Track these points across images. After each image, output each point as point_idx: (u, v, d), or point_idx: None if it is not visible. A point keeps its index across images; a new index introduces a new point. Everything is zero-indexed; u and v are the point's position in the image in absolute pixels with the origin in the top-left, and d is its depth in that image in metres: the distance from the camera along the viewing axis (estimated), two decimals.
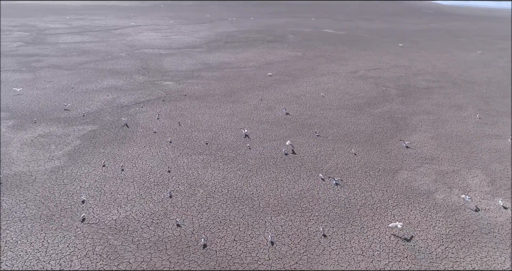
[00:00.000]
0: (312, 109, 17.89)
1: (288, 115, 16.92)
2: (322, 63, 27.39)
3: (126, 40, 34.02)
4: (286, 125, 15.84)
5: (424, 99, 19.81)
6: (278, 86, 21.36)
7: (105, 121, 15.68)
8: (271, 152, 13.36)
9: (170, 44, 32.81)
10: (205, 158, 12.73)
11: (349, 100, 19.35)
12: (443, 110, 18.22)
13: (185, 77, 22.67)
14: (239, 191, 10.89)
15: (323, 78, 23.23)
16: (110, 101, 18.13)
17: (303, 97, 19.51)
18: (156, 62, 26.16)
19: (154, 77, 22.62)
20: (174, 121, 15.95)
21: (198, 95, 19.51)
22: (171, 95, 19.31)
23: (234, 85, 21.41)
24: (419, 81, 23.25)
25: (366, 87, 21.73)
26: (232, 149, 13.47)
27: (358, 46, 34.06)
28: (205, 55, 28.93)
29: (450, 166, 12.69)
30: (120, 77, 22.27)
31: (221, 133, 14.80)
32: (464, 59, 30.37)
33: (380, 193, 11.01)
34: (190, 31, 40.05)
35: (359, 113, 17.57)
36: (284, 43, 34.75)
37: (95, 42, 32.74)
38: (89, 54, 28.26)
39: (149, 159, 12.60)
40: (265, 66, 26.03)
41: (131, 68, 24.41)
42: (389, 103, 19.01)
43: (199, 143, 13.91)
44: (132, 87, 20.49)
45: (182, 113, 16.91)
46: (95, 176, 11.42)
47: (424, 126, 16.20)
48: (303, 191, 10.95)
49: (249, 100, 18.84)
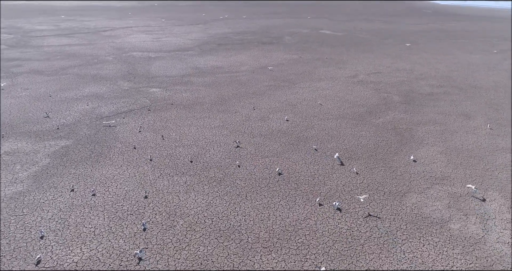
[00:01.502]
0: (309, 119, 16.48)
1: (286, 124, 15.52)
2: (320, 66, 26.00)
3: (114, 43, 32.53)
4: (280, 138, 14.42)
5: (429, 107, 18.43)
6: (273, 93, 19.95)
7: (81, 135, 14.21)
8: (263, 171, 11.94)
9: (161, 46, 31.34)
10: (189, 180, 11.29)
11: (348, 108, 17.95)
12: (450, 120, 16.85)
13: (174, 83, 21.22)
14: (225, 221, 9.47)
15: (321, 84, 21.83)
16: (89, 111, 16.66)
17: (299, 106, 18.09)
18: (144, 67, 24.70)
19: (140, 83, 21.16)
20: (157, 134, 14.51)
21: (186, 103, 18.07)
22: (156, 104, 17.85)
23: (226, 92, 19.98)
24: (423, 86, 21.88)
25: (367, 93, 20.34)
26: (219, 168, 12.04)
27: (357, 48, 32.69)
28: (196, 58, 27.49)
29: (464, 188, 11.31)
30: (104, 84, 20.79)
31: (208, 149, 13.37)
32: (467, 61, 29.05)
33: (387, 222, 9.61)
34: (182, 33, 38.60)
35: (360, 123, 16.17)
36: (280, 45, 33.35)
37: (82, 45, 31.24)
38: (74, 58, 26.77)
39: (125, 181, 11.16)
40: (259, 70, 24.61)
41: (116, 73, 22.94)
42: (391, 112, 17.63)
43: (183, 161, 12.47)
44: (115, 95, 19.02)
45: (167, 124, 15.46)
46: (60, 204, 9.97)
47: (431, 138, 14.82)
48: (298, 221, 9.54)
49: (240, 109, 17.41)
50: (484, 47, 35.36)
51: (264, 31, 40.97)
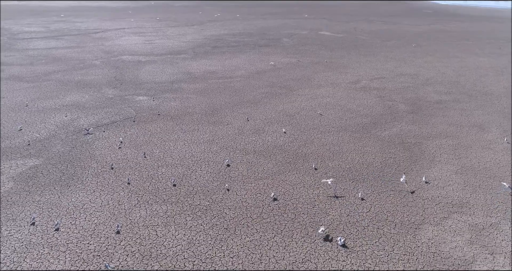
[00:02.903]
0: (308, 132, 15.03)
1: (282, 138, 14.06)
2: (319, 71, 24.54)
3: (104, 45, 31.03)
4: (276, 155, 12.96)
5: (438, 117, 16.99)
6: (269, 101, 18.48)
7: (53, 153, 12.73)
8: (256, 197, 10.48)
9: (152, 49, 29.86)
10: (170, 209, 9.83)
11: (351, 119, 16.50)
12: (463, 132, 15.41)
13: (162, 90, 19.74)
14: (208, 265, 8.00)
15: (321, 91, 20.37)
16: (66, 124, 15.18)
17: (298, 116, 16.63)
18: (133, 72, 23.21)
19: (126, 90, 19.67)
20: (139, 151, 13.03)
21: (174, 114, 16.59)
22: (141, 115, 16.38)
23: (218, 100, 18.50)
24: (430, 93, 20.44)
25: (370, 101, 18.89)
26: (206, 194, 10.58)
27: (358, 51, 31.25)
28: (189, 62, 26.01)
29: (486, 217, 9.87)
30: (87, 91, 19.31)
31: (195, 169, 11.90)
32: (475, 65, 27.62)
33: (400, 265, 8.15)
34: (176, 35, 37.11)
35: (364, 136, 14.72)
36: (277, 47, 31.88)
37: (70, 48, 29.74)
38: (59, 62, 25.27)
39: (96, 211, 9.68)
40: (255, 75, 23.15)
41: (102, 79, 21.44)
42: (398, 123, 16.18)
43: (165, 184, 11.01)
44: (97, 104, 17.54)
45: (151, 139, 13.99)
46: (15, 243, 8.49)
47: (444, 154, 13.37)
48: (296, 264, 8.08)
49: (233, 121, 15.95)
50: (491, 49, 33.94)
51: (261, 32, 39.51)
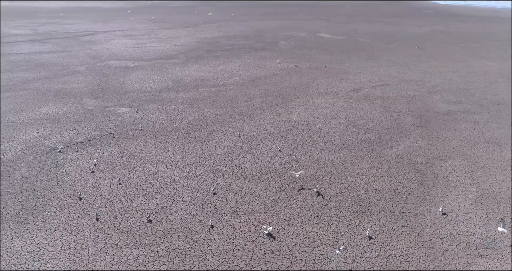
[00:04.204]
0: (307, 150, 13.48)
1: (278, 158, 12.52)
2: (318, 77, 23.00)
3: (91, 50, 29.43)
4: (270, 180, 11.42)
5: (449, 131, 15.47)
6: (264, 113, 16.94)
7: (15, 179, 11.17)
8: (245, 237, 8.94)
9: (142, 54, 28.27)
10: (142, 255, 8.29)
11: (354, 134, 14.97)
12: (477, 149, 13.89)
13: (148, 101, 18.18)
14: None
15: (320, 100, 18.82)
16: (37, 142, 13.61)
17: (295, 131, 15.09)
18: (118, 79, 21.63)
19: (109, 101, 18.10)
20: (114, 176, 11.48)
21: (159, 129, 15.03)
22: (122, 130, 14.81)
23: (208, 112, 16.95)
24: (437, 103, 18.92)
25: (374, 113, 17.36)
26: (186, 233, 9.03)
27: (358, 55, 29.71)
28: (180, 68, 24.44)
29: None
30: (66, 102, 17.73)
31: (176, 199, 10.35)
32: (482, 70, 26.12)
33: None
34: (169, 37, 35.53)
35: (369, 156, 13.18)
36: (274, 51, 30.32)
37: (55, 52, 28.14)
38: (41, 68, 23.68)
39: (53, 259, 8.13)
40: (250, 83, 21.59)
41: (84, 88, 19.87)
42: (405, 139, 14.65)
43: (139, 220, 9.47)
44: (75, 117, 15.97)
45: (129, 161, 12.43)
46: None
47: (460, 178, 11.84)
48: None
49: (224, 137, 14.40)
50: (497, 52, 32.46)
51: (258, 34, 37.95)
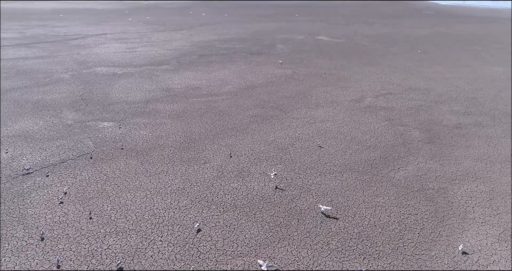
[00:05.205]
0: (305, 173, 12.11)
1: (272, 184, 11.14)
2: (317, 85, 21.64)
3: (79, 55, 28.02)
4: (263, 212, 10.05)
5: (461, 149, 14.13)
6: (258, 128, 15.56)
7: None
8: None
9: (132, 59, 26.88)
10: None
11: (356, 152, 13.61)
12: (494, 171, 12.55)
13: (133, 114, 16.80)
14: None
15: (319, 112, 17.46)
16: (4, 165, 12.19)
17: (292, 149, 13.72)
18: (104, 88, 20.24)
19: (90, 113, 16.71)
20: (85, 208, 10.09)
21: (142, 147, 13.65)
22: (102, 149, 13.42)
23: (197, 126, 15.57)
24: (445, 114, 17.58)
25: (378, 126, 16.01)
26: None
27: (359, 59, 28.37)
28: (170, 75, 23.06)
29: None
30: (43, 115, 16.33)
31: (153, 238, 8.97)
32: (489, 76, 24.81)
33: None
34: (162, 41, 34.13)
35: (374, 180, 11.83)
36: (270, 56, 28.95)
37: (40, 58, 26.72)
38: (23, 76, 22.26)
39: None
40: (244, 92, 20.22)
41: (65, 99, 18.46)
42: (413, 158, 13.30)
43: (108, 267, 8.07)
44: (51, 134, 14.57)
45: (105, 188, 11.04)
46: None
47: (478, 208, 10.49)
48: None
49: (213, 157, 13.02)
50: (502, 56, 31.15)
51: (254, 37, 36.57)
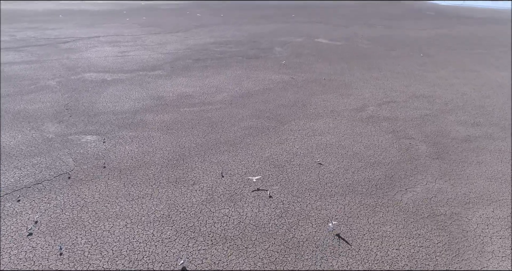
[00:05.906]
0: (304, 195, 11.03)
1: (267, 209, 10.05)
2: (317, 93, 20.56)
3: (69, 59, 26.89)
4: (256, 246, 8.96)
5: (472, 165, 13.05)
6: (253, 142, 14.47)
7: None
8: None
9: (123, 64, 25.77)
10: None
11: (359, 171, 12.51)
12: (510, 192, 11.48)
13: (120, 125, 15.69)
14: None
15: (319, 123, 16.37)
16: None
17: (289, 167, 12.63)
18: (91, 96, 19.12)
19: (74, 126, 15.60)
20: (56, 241, 8.98)
21: (126, 165, 12.54)
22: (81, 168, 12.31)
23: (188, 140, 14.47)
24: (453, 125, 16.52)
25: (381, 139, 14.93)
26: None
27: (360, 64, 27.29)
28: (162, 82, 21.95)
29: None
30: (23, 128, 15.22)
31: None
32: (496, 81, 23.76)
33: None
34: (156, 44, 33.02)
35: (380, 204, 10.74)
36: (268, 60, 27.87)
37: (27, 63, 25.59)
38: (7, 83, 21.13)
39: None
40: (240, 100, 19.12)
41: (49, 109, 17.35)
42: (422, 177, 12.22)
43: None
44: (28, 150, 13.46)
45: (81, 215, 9.94)
46: None
47: (496, 238, 9.42)
48: None
49: (203, 177, 11.92)
50: (506, 59, 30.11)
51: (251, 40, 35.48)
